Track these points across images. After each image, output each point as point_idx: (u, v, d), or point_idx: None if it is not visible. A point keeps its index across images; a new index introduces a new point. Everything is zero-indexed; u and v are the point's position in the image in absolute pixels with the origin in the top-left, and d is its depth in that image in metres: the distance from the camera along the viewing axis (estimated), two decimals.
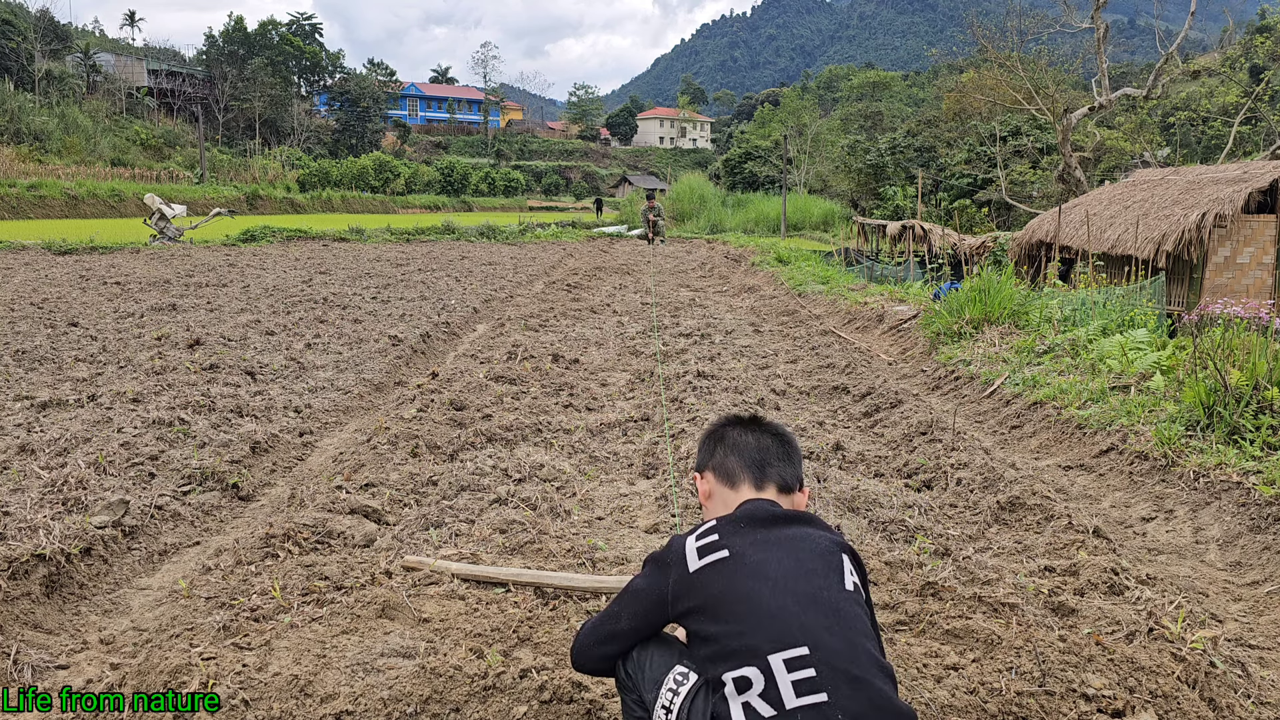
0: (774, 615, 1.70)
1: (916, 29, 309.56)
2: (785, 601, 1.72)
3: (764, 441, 2.06)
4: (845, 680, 1.64)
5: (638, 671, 1.90)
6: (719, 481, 2.03)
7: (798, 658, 1.65)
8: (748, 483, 2.00)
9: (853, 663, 1.67)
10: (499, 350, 7.01)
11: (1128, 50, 76.42)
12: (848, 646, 1.69)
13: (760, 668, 1.66)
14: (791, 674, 1.64)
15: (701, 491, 2.07)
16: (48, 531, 3.21)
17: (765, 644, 1.67)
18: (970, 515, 3.76)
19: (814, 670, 1.64)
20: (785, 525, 1.89)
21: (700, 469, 2.10)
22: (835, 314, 10.23)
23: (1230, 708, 2.30)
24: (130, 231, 22.45)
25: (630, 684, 1.92)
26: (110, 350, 6.99)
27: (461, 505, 3.68)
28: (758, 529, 1.86)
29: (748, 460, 2.02)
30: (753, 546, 1.82)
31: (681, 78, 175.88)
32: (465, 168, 72.51)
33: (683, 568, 1.83)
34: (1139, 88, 28.21)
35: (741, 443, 2.05)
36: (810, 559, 1.81)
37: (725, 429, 2.11)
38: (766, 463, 2.02)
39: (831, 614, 1.72)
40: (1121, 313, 7.66)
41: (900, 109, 61.73)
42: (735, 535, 1.84)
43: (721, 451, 2.06)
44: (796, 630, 1.68)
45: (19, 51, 53.97)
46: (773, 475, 2.01)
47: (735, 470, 2.02)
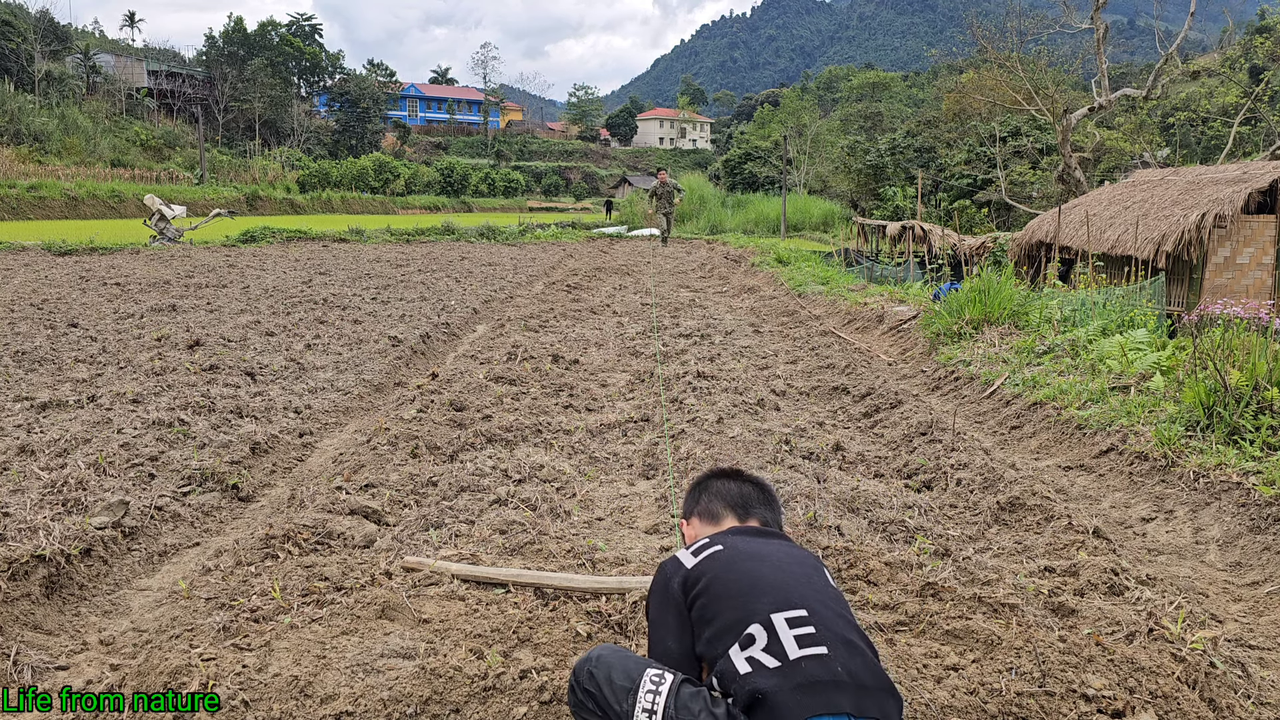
0: (775, 584, 1.83)
1: (916, 29, 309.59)
2: (784, 576, 1.85)
3: (745, 489, 2.23)
4: (841, 642, 1.75)
5: (601, 685, 1.82)
6: (703, 523, 2.18)
7: (798, 617, 1.77)
8: (730, 518, 2.16)
9: (846, 630, 1.79)
10: (499, 351, 7.01)
11: (1127, 51, 76.44)
12: (840, 619, 1.81)
13: (763, 623, 1.76)
14: (793, 630, 1.75)
15: (688, 537, 2.20)
16: (48, 532, 3.21)
17: (767, 605, 1.79)
18: (970, 516, 3.75)
19: (813, 628, 1.75)
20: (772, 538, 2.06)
21: (686, 516, 2.25)
22: (835, 314, 10.23)
23: (1230, 708, 2.30)
24: (130, 232, 22.45)
25: (590, 702, 1.83)
26: (110, 351, 6.99)
27: (461, 506, 3.68)
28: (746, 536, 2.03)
29: (730, 502, 2.19)
30: (746, 544, 1.97)
31: (681, 78, 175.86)
32: (465, 168, 72.51)
33: (680, 570, 1.94)
34: (1139, 88, 28.22)
35: (724, 490, 2.22)
36: (799, 557, 1.98)
37: (709, 480, 2.27)
38: (749, 504, 2.19)
39: (823, 594, 1.86)
40: (1121, 313, 7.66)
41: (900, 109, 61.74)
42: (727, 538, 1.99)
43: (705, 498, 2.22)
44: (795, 596, 1.81)
45: (19, 52, 53.98)
46: (755, 515, 2.18)
47: (718, 510, 2.18)
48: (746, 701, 1.68)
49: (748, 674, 1.70)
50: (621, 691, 1.79)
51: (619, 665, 1.83)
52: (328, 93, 79.81)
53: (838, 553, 3.13)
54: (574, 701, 1.88)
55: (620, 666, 1.82)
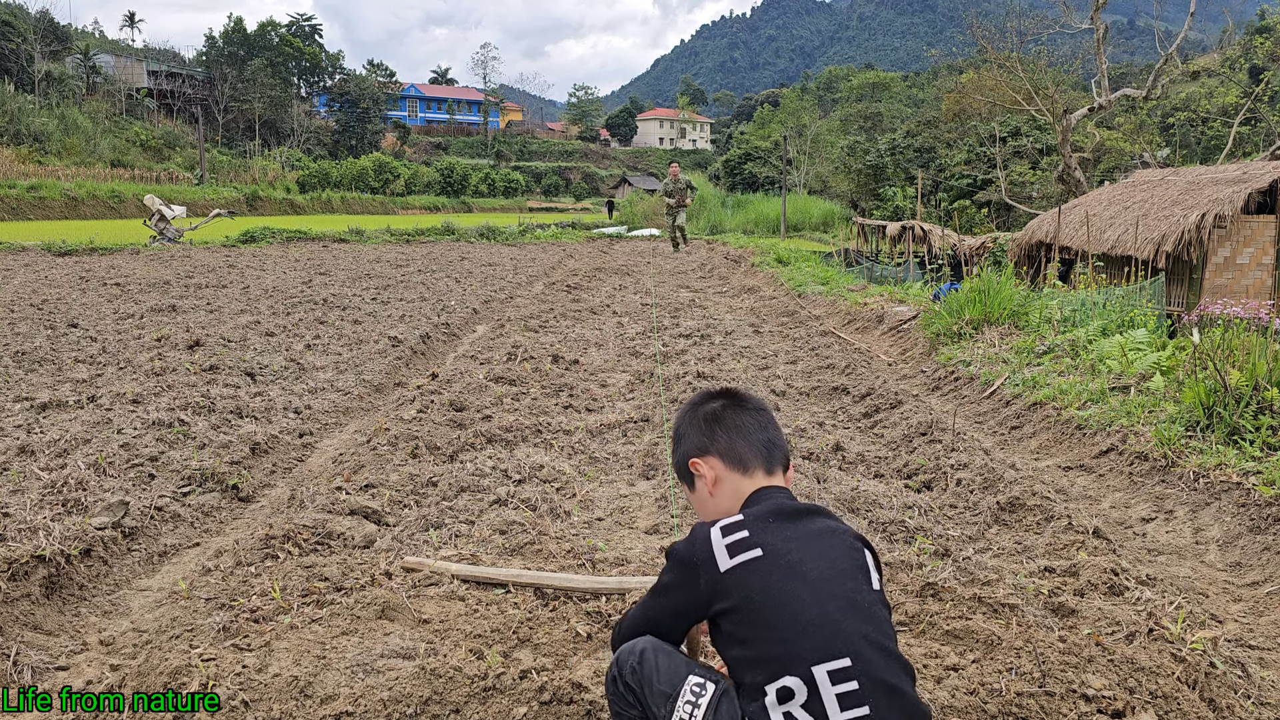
0: (816, 623, 1.67)
1: (916, 30, 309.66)
2: (826, 607, 1.68)
3: (762, 419, 1.98)
4: (883, 690, 1.64)
5: (644, 684, 1.81)
6: (729, 467, 1.92)
7: (841, 670, 1.63)
8: (760, 467, 1.91)
9: (888, 671, 1.66)
10: (499, 351, 7.01)
11: (1127, 51, 76.44)
12: (883, 654, 1.68)
13: (803, 677, 1.63)
14: (836, 686, 1.62)
15: (707, 479, 1.93)
16: (47, 533, 3.21)
17: (809, 653, 1.64)
18: (970, 516, 3.76)
19: (857, 684, 1.63)
20: (810, 519, 1.83)
21: (700, 453, 1.94)
22: (835, 315, 10.23)
23: (1230, 708, 2.30)
24: (130, 233, 22.45)
25: (631, 698, 1.83)
26: (110, 351, 6.99)
27: (461, 506, 3.68)
28: (785, 524, 1.79)
29: (756, 441, 1.93)
30: (785, 544, 1.75)
31: (681, 78, 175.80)
32: (465, 169, 72.53)
33: (713, 567, 1.74)
34: (1139, 88, 28.22)
35: (742, 424, 1.95)
36: (841, 558, 1.77)
37: (715, 408, 1.98)
38: (774, 443, 1.95)
39: (867, 619, 1.70)
40: (1121, 313, 7.66)
41: (900, 110, 61.73)
42: (766, 533, 1.76)
43: (724, 435, 1.93)
44: (839, 641, 1.65)
45: (19, 53, 53.99)
46: (778, 456, 1.95)
47: (744, 453, 1.92)
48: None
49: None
50: (660, 697, 1.77)
51: (664, 668, 1.81)
52: (328, 93, 79.85)
53: None
54: (614, 693, 1.87)
55: (665, 670, 1.81)
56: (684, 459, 1.98)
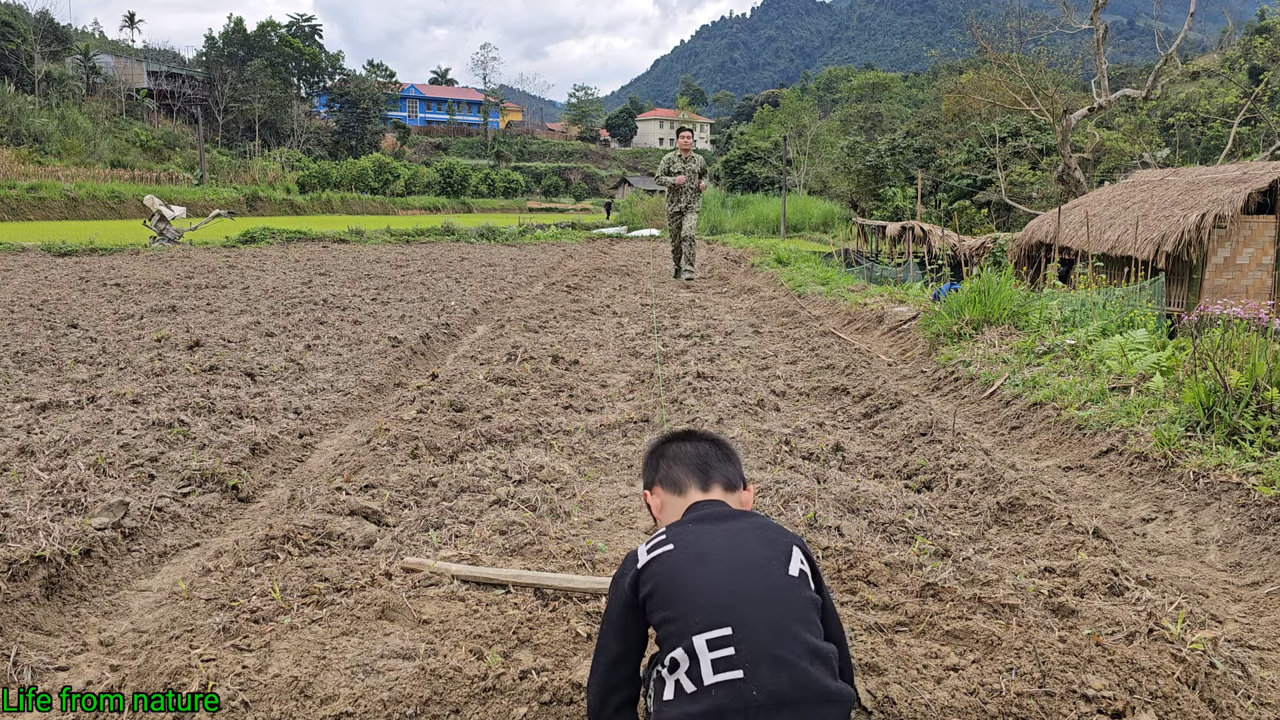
0: (704, 597, 1.77)
1: (916, 30, 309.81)
2: (718, 584, 1.78)
3: (702, 448, 2.15)
4: (767, 660, 1.69)
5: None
6: (667, 491, 2.11)
7: (720, 638, 1.71)
8: (694, 485, 2.08)
9: (778, 645, 1.71)
10: (499, 351, 7.01)
11: (1127, 51, 76.46)
12: (776, 630, 1.73)
13: (686, 648, 1.72)
14: (712, 653, 1.70)
15: (654, 507, 2.13)
16: (47, 533, 3.21)
17: (693, 626, 1.74)
18: (970, 516, 3.75)
19: (733, 649, 1.70)
20: (734, 520, 1.96)
21: (649, 486, 2.17)
22: (835, 315, 10.23)
23: (1230, 708, 2.30)
24: (130, 233, 22.46)
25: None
26: (110, 352, 6.99)
27: (461, 506, 3.68)
28: (705, 524, 1.94)
29: (691, 465, 2.10)
30: (697, 539, 1.89)
31: (681, 79, 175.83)
32: (465, 169, 72.54)
33: (634, 566, 1.90)
34: (1138, 89, 28.23)
35: (681, 452, 2.14)
36: (755, 547, 1.88)
37: (664, 445, 2.20)
38: (709, 464, 2.11)
39: (768, 598, 1.77)
40: (1121, 314, 7.67)
41: (900, 110, 61.76)
42: (682, 533, 1.92)
43: (665, 465, 2.14)
44: (723, 612, 1.74)
45: (19, 53, 54.00)
46: (716, 476, 2.09)
47: (680, 477, 2.10)
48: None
49: (668, 701, 1.72)
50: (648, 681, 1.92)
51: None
52: (327, 93, 79.86)
53: (838, 553, 3.13)
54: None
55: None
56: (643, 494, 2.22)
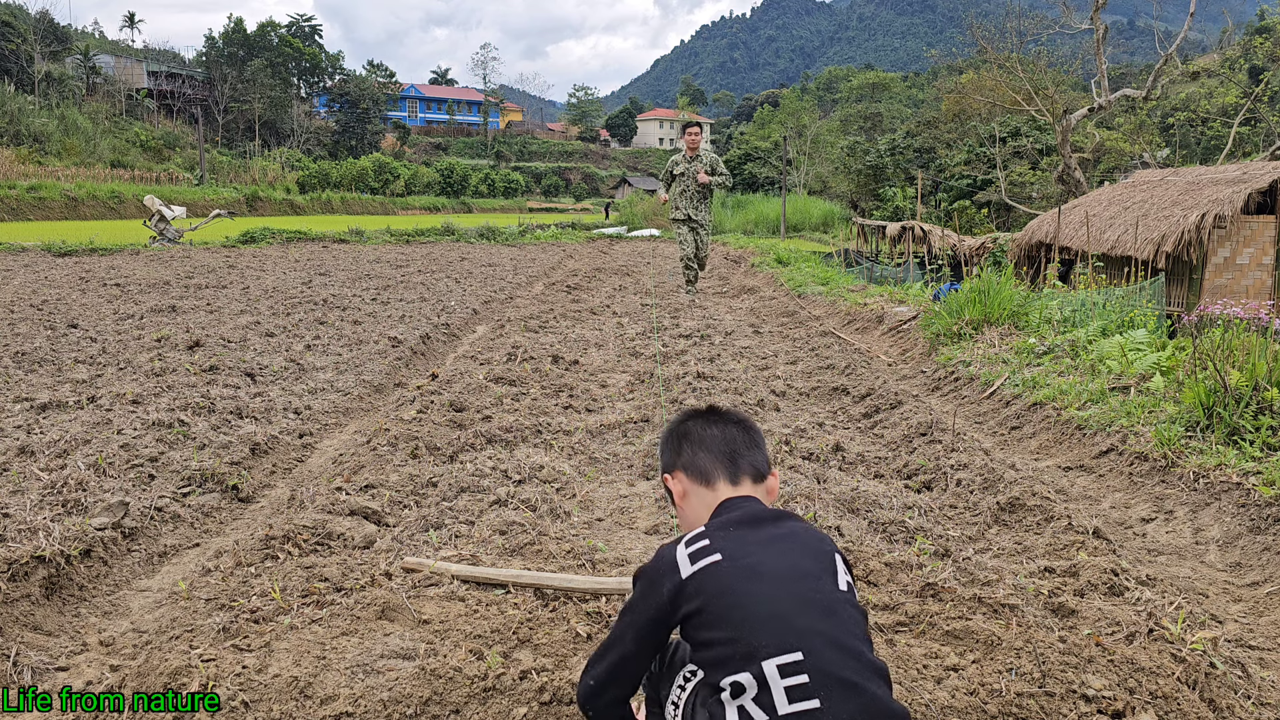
0: (768, 619, 1.68)
1: (916, 30, 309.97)
2: (780, 604, 1.70)
3: (730, 432, 2.03)
4: (838, 685, 1.63)
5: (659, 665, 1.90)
6: (692, 480, 2.00)
7: (792, 663, 1.64)
8: (723, 478, 1.97)
9: (846, 667, 1.66)
10: (499, 352, 7.01)
11: (1127, 51, 76.50)
12: (841, 651, 1.67)
13: (754, 673, 1.64)
14: (785, 680, 1.62)
15: (676, 493, 2.02)
16: (47, 533, 3.21)
17: (760, 649, 1.66)
18: (970, 516, 3.75)
19: (807, 676, 1.63)
20: (774, 524, 1.87)
21: (669, 470, 2.04)
22: (835, 315, 10.23)
23: (1230, 708, 2.30)
24: (130, 233, 22.46)
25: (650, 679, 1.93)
26: (110, 352, 6.99)
27: (461, 506, 3.68)
28: (747, 530, 1.84)
29: (718, 453, 1.99)
30: (745, 549, 1.79)
31: (681, 79, 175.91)
32: (465, 169, 72.53)
33: (675, 575, 1.79)
34: (1138, 89, 28.23)
35: (708, 436, 2.02)
36: (804, 559, 1.80)
37: (687, 424, 2.06)
38: (737, 453, 2.00)
39: (826, 616, 1.71)
40: (1121, 314, 7.67)
41: (900, 110, 61.79)
42: (726, 540, 1.81)
43: (689, 449, 2.01)
44: (791, 635, 1.67)
45: (19, 53, 53.99)
46: (745, 466, 1.99)
47: (707, 466, 1.98)
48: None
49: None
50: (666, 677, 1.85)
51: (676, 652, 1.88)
52: (327, 93, 79.84)
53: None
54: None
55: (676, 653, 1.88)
56: (661, 476, 2.09)
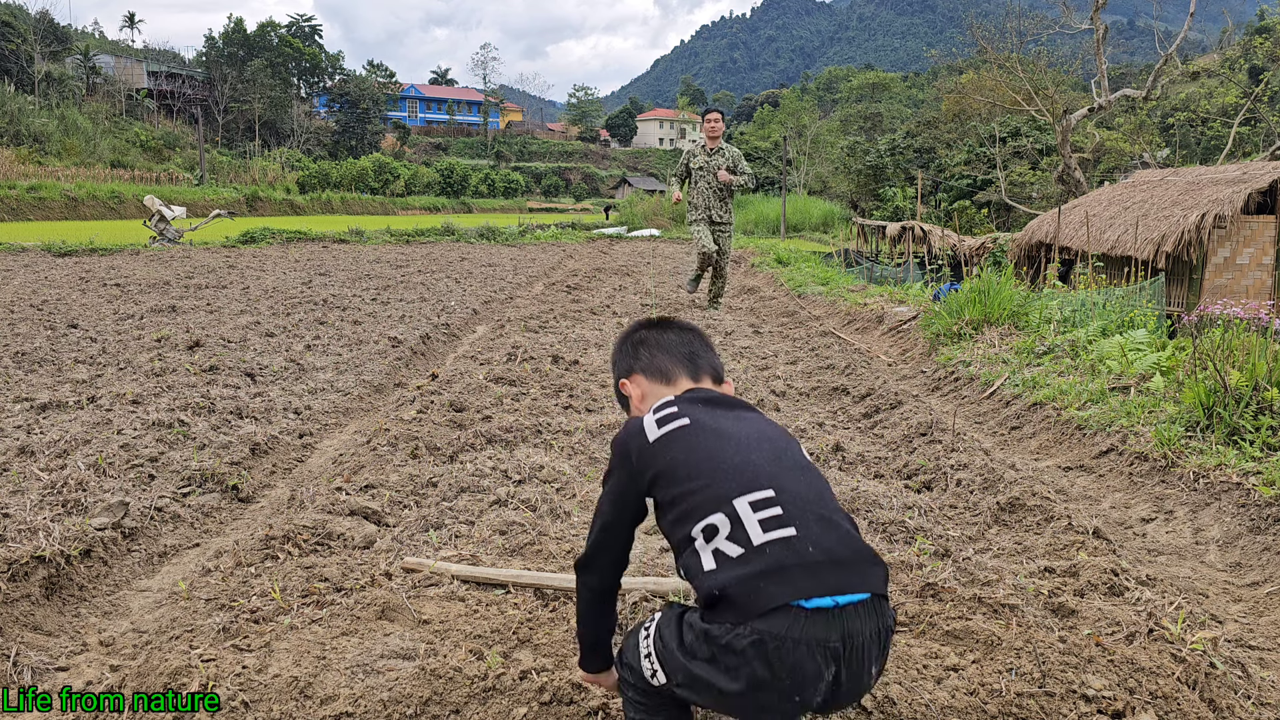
0: (739, 466, 1.69)
1: (916, 30, 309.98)
2: (749, 455, 1.71)
3: (685, 336, 2.04)
4: (814, 518, 1.63)
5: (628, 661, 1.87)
6: (651, 380, 1.98)
7: (764, 499, 1.63)
8: (683, 375, 1.97)
9: (820, 505, 1.66)
10: (499, 352, 7.01)
11: (1127, 51, 76.50)
12: (814, 492, 1.68)
13: (726, 513, 1.63)
14: (758, 513, 1.62)
15: (634, 397, 1.99)
16: (47, 533, 3.21)
17: (731, 490, 1.65)
18: (970, 516, 3.75)
19: (780, 509, 1.62)
20: (741, 408, 1.90)
21: (626, 374, 2.02)
22: (835, 315, 10.23)
23: (1230, 708, 2.30)
24: (130, 233, 22.46)
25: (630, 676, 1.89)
26: (110, 352, 6.99)
27: (461, 506, 3.68)
28: (713, 406, 1.86)
29: (677, 354, 1.99)
30: (711, 416, 1.81)
31: (681, 79, 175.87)
32: (465, 169, 72.51)
33: (643, 438, 1.80)
34: (1138, 89, 28.23)
35: (665, 340, 2.02)
36: (769, 429, 1.84)
37: (641, 332, 2.06)
38: (696, 354, 2.00)
39: (796, 469, 1.73)
40: (1121, 314, 7.67)
41: (900, 110, 61.79)
42: (692, 407, 1.83)
43: (646, 353, 2.01)
44: (762, 477, 1.67)
45: (19, 53, 54.00)
46: (705, 366, 1.99)
47: (667, 366, 1.97)
48: (708, 599, 1.60)
49: (712, 570, 1.61)
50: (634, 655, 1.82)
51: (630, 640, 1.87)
52: (327, 93, 79.85)
53: None
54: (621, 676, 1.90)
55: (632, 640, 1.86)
56: (616, 385, 2.08)
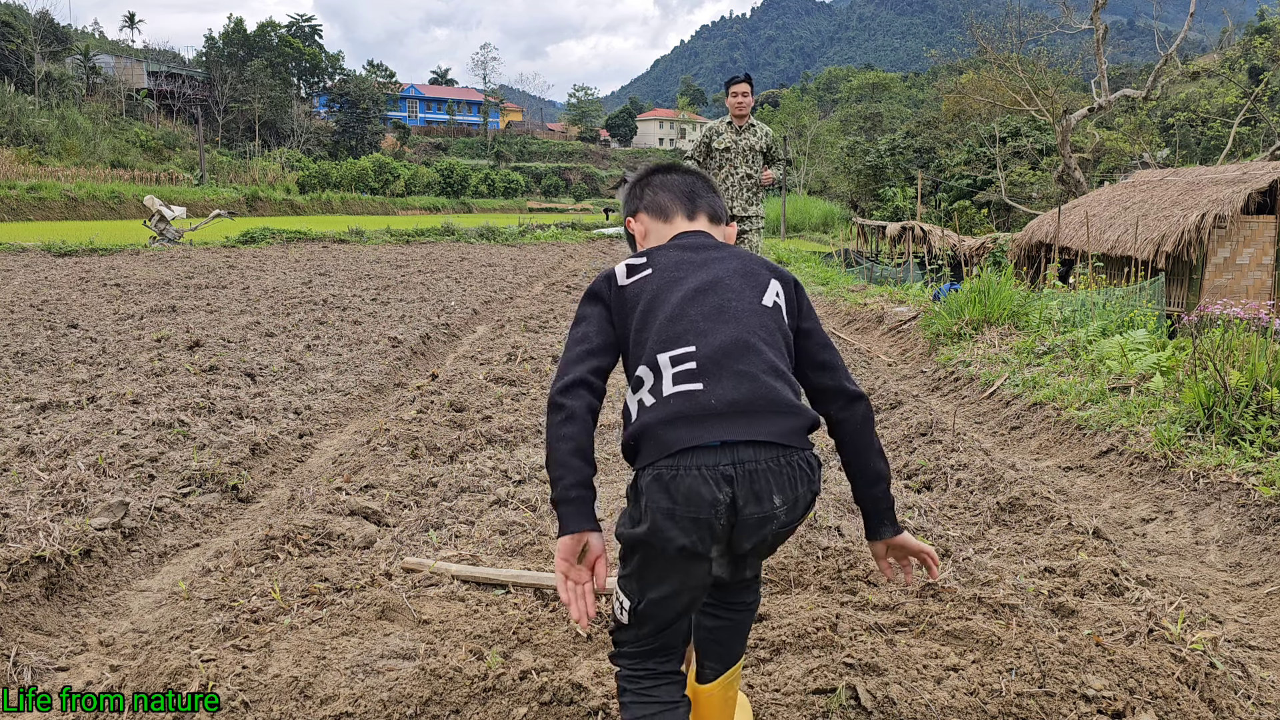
0: (673, 319, 1.75)
1: (916, 30, 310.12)
2: (687, 309, 1.76)
3: (690, 179, 2.10)
4: (729, 374, 1.68)
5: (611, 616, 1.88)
6: (652, 218, 2.05)
7: (684, 354, 1.70)
8: (680, 214, 2.04)
9: (742, 361, 1.70)
10: (499, 352, 7.01)
11: (1127, 51, 76.53)
12: (740, 347, 1.72)
13: (650, 365, 1.72)
14: (675, 367, 1.70)
15: (638, 235, 2.07)
16: (47, 533, 3.21)
17: (659, 344, 1.73)
18: (970, 516, 3.75)
19: (695, 363, 1.69)
20: (717, 249, 1.93)
21: (633, 214, 2.10)
22: (835, 315, 10.23)
23: (1230, 708, 2.30)
24: (130, 233, 22.46)
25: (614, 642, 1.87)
26: (110, 352, 6.99)
27: (461, 506, 3.68)
28: (684, 252, 1.90)
29: (678, 192, 2.06)
30: (676, 266, 1.85)
31: (681, 79, 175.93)
32: (465, 169, 72.48)
33: (614, 283, 1.87)
34: (1138, 89, 28.23)
35: (670, 181, 2.09)
36: (730, 277, 1.83)
37: (651, 175, 2.13)
38: (696, 194, 2.06)
39: (731, 321, 1.75)
40: (1121, 314, 7.67)
41: (900, 110, 61.80)
42: (663, 258, 1.88)
43: (650, 192, 2.07)
44: (690, 334, 1.73)
45: (19, 53, 53.98)
46: (702, 205, 2.06)
47: (666, 203, 2.04)
48: (626, 444, 1.71)
49: (632, 419, 1.71)
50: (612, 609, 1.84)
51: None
52: (327, 93, 79.81)
53: (838, 553, 3.13)
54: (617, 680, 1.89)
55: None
56: (624, 226, 2.15)
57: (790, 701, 2.23)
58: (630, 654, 1.78)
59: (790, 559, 3.09)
